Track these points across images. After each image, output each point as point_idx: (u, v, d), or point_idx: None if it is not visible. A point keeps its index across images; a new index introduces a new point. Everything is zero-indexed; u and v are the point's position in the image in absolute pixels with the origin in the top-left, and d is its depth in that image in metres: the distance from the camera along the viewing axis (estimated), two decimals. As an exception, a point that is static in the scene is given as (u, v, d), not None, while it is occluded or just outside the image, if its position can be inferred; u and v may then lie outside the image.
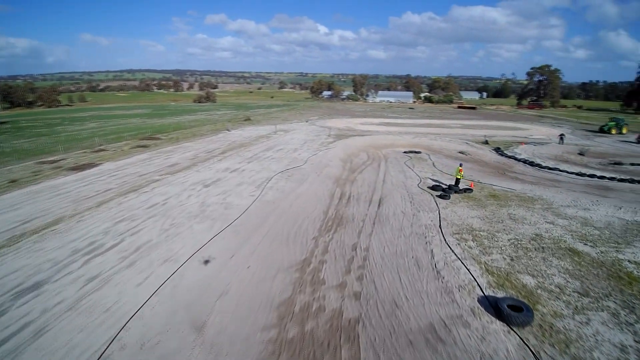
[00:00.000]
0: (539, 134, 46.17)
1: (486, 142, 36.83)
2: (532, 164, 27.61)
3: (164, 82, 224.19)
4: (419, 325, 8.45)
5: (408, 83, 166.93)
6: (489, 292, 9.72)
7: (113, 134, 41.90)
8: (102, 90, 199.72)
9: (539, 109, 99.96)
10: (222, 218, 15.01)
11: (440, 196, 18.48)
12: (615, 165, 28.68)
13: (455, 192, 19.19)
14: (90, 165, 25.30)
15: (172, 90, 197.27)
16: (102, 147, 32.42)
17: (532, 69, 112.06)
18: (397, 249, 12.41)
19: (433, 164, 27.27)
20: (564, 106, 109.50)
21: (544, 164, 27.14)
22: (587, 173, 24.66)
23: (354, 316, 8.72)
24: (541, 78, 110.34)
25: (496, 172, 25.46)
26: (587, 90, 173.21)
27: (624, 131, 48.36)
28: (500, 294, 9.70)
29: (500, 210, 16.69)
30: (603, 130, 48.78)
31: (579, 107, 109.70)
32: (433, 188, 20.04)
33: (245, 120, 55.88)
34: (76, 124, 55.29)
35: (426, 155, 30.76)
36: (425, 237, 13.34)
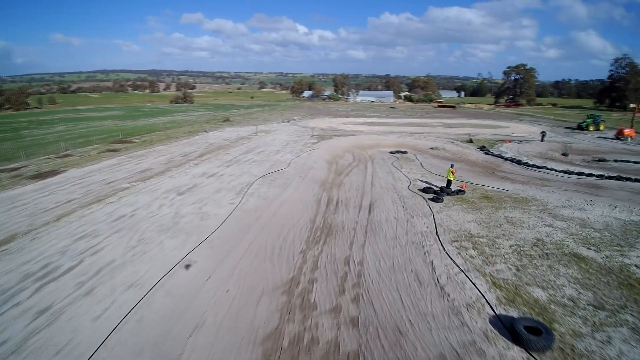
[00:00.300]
0: (520, 131, 46.38)
1: (470, 141, 36.45)
2: (519, 162, 27.18)
3: (139, 83, 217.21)
4: (428, 356, 7.29)
5: (388, 83, 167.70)
6: (500, 311, 8.70)
7: (81, 137, 39.25)
8: (73, 91, 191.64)
9: (516, 107, 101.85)
10: (197, 231, 13.48)
11: (432, 199, 17.52)
12: (600, 162, 28.67)
13: (448, 194, 18.29)
14: (53, 173, 23.10)
15: (147, 91, 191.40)
16: (68, 152, 30.05)
17: (508, 68, 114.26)
18: (394, 262, 11.27)
19: (421, 164, 26.42)
20: (539, 104, 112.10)
21: (531, 162, 26.76)
22: (575, 171, 24.38)
23: (352, 349, 7.48)
24: (517, 77, 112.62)
25: (485, 172, 24.84)
26: (560, 88, 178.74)
27: (602, 127, 49.20)
28: (512, 312, 8.70)
29: (496, 213, 15.87)
30: (581, 127, 49.51)
31: (554, 105, 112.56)
32: (424, 190, 19.08)
33: (225, 121, 53.91)
34: (43, 127, 51.89)
35: (413, 155, 29.95)
36: (423, 247, 12.28)
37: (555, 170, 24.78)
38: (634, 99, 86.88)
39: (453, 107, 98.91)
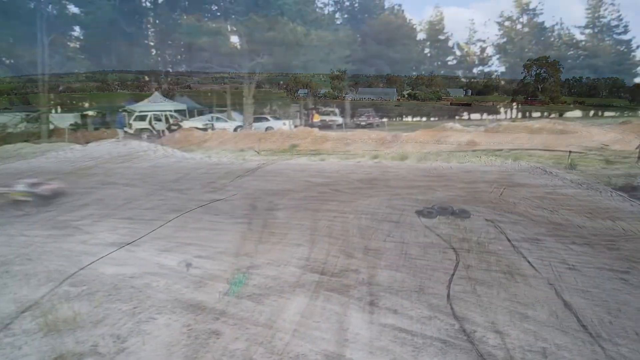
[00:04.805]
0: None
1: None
2: None
3: None
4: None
5: (389, 80, 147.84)
6: None
7: None
8: None
9: (540, 105, 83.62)
10: None
11: None
12: None
13: None
14: None
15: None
16: None
17: (528, 61, 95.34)
18: None
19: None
20: (564, 102, 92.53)
21: None
22: None
23: None
24: (539, 71, 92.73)
25: None
26: (571, 87, 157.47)
27: None
28: None
29: None
30: None
31: (581, 103, 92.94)
32: None
33: None
34: None
35: (490, 225, 8.10)
36: None
37: None
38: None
39: (469, 104, 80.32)
